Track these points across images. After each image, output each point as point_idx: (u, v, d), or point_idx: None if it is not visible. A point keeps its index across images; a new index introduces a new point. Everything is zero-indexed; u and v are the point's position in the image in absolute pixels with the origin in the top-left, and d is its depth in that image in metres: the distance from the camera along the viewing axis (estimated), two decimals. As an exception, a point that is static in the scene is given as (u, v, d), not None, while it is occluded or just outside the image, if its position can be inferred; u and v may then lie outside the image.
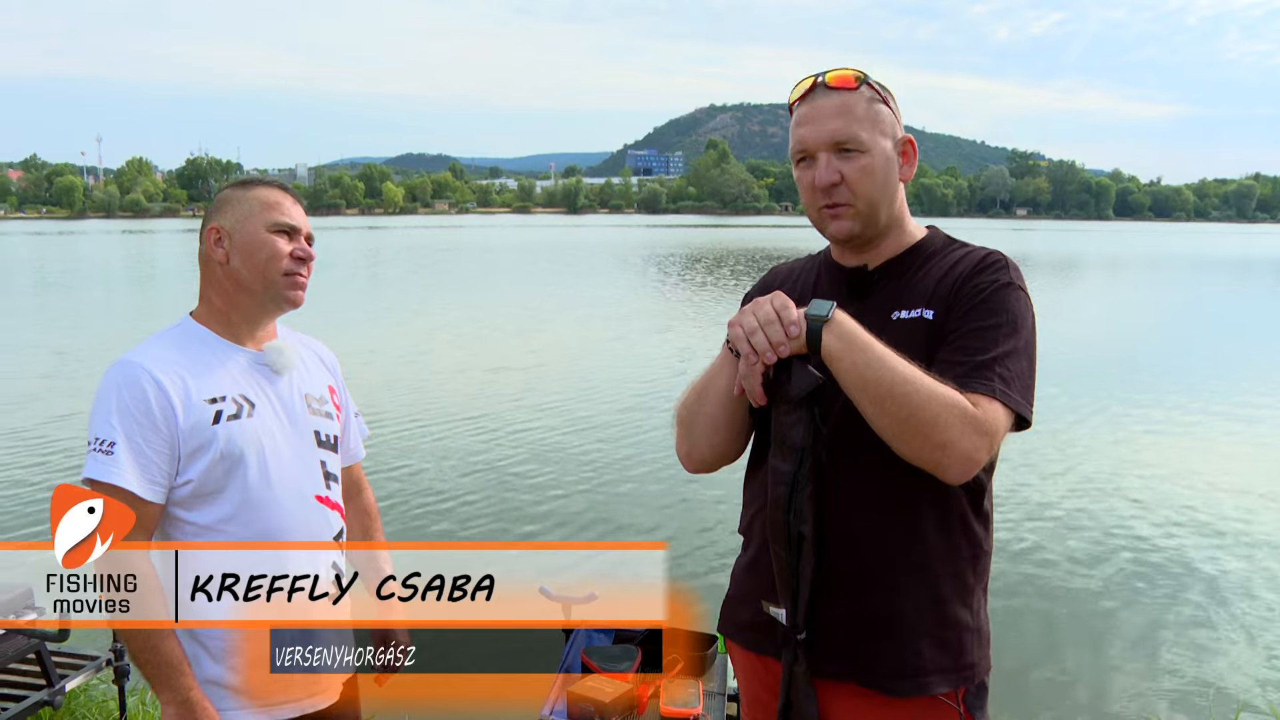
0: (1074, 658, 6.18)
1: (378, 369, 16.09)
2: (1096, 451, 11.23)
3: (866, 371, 1.64)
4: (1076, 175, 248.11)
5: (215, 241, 2.18)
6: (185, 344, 2.17)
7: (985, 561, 1.84)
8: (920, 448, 1.64)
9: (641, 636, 3.70)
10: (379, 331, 21.09)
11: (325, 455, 2.28)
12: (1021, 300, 1.76)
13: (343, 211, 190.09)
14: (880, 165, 1.82)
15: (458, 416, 12.51)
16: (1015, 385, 1.69)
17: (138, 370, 2.06)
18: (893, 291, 1.84)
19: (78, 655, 4.38)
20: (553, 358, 17.49)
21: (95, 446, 2.03)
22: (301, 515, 2.18)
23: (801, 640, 1.80)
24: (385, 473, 9.84)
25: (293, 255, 2.19)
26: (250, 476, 2.10)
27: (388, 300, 29.12)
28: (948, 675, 1.77)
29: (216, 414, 2.09)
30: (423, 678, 5.86)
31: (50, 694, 4.14)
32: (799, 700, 1.82)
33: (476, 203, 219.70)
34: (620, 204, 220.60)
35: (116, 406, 2.03)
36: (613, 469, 10.04)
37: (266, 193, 2.21)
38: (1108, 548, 8.03)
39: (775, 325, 1.67)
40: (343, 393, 2.46)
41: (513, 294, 29.90)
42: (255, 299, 2.19)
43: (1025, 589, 7.20)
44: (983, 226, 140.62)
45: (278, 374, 2.23)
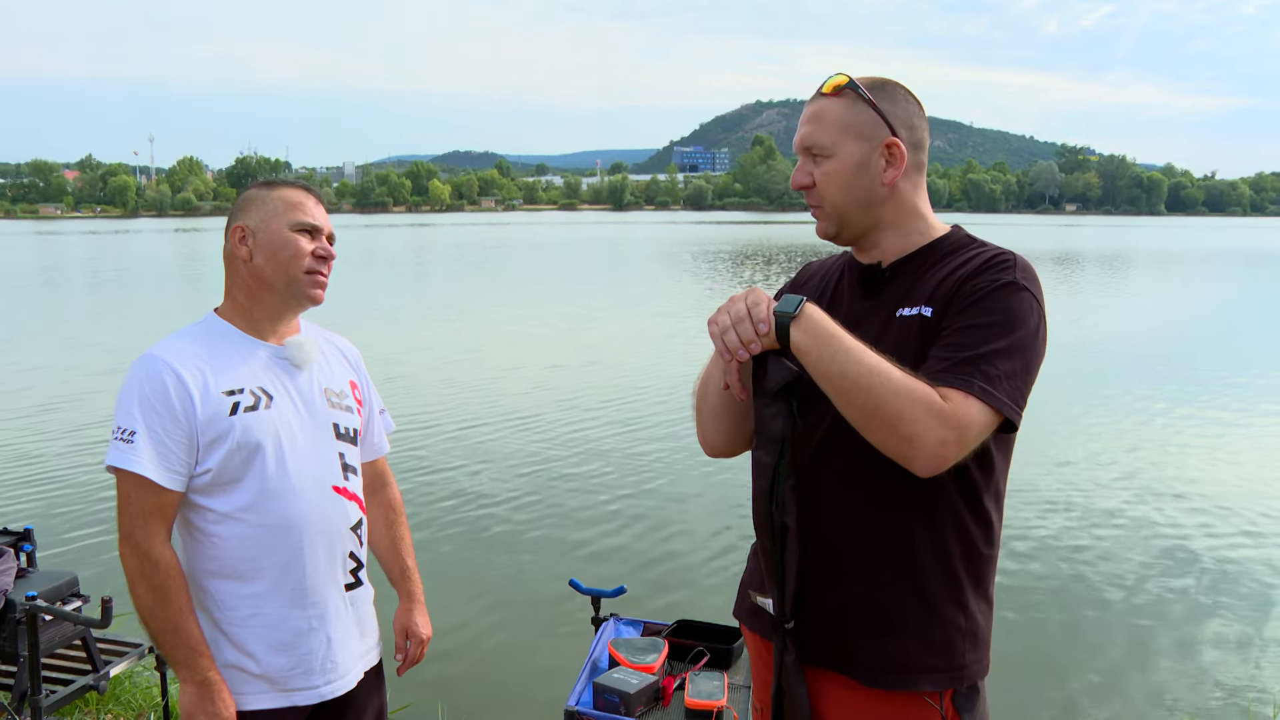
0: (1129, 660, 6.14)
1: (432, 367, 16.23)
2: (1155, 452, 11.03)
3: (832, 365, 1.67)
4: (1127, 170, 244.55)
5: (240, 240, 2.26)
6: (207, 339, 2.25)
7: (984, 564, 1.84)
8: (886, 439, 1.67)
9: (670, 629, 3.74)
10: (432, 329, 21.21)
11: (344, 448, 2.34)
12: (1024, 300, 1.75)
13: (390, 209, 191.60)
14: (847, 170, 1.85)
15: (513, 414, 12.59)
16: (1001, 385, 1.68)
17: (159, 364, 2.14)
18: (901, 289, 1.86)
19: (122, 642, 4.50)
20: (607, 355, 17.53)
21: (117, 435, 2.12)
22: (319, 504, 2.24)
23: (790, 630, 1.83)
24: (441, 470, 9.97)
25: (314, 254, 2.27)
26: (267, 466, 2.17)
27: (440, 297, 29.23)
28: (935, 674, 1.78)
29: (234, 405, 2.16)
30: (452, 667, 5.98)
31: (95, 679, 4.26)
32: (790, 687, 1.85)
33: (523, 200, 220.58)
34: (666, 200, 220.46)
35: (138, 398, 2.12)
36: (667, 465, 10.08)
37: (290, 193, 2.28)
38: (1166, 550, 7.92)
39: (746, 323, 1.72)
40: (366, 388, 2.53)
41: (563, 291, 29.92)
42: (278, 296, 2.26)
43: (1083, 589, 7.15)
44: (1031, 222, 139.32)
45: (298, 368, 2.31)
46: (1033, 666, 5.94)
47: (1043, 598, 6.93)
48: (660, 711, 3.25)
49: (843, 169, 1.85)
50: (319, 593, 2.24)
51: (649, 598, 6.68)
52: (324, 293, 2.31)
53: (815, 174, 1.88)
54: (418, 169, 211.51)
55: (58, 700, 4.09)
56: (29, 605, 3.88)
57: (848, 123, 1.84)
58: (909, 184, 1.89)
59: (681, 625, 3.76)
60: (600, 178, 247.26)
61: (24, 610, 3.89)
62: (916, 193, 1.91)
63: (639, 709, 3.21)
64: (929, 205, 1.95)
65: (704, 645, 3.59)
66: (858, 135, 1.84)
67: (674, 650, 3.60)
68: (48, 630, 4.04)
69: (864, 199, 1.87)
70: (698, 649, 3.58)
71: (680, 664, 3.54)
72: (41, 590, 3.98)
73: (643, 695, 3.23)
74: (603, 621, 3.80)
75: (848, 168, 1.85)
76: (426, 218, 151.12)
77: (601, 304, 26.27)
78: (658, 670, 3.37)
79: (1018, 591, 6.97)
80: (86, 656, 4.35)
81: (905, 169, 1.87)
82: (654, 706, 3.27)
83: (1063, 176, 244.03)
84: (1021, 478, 9.57)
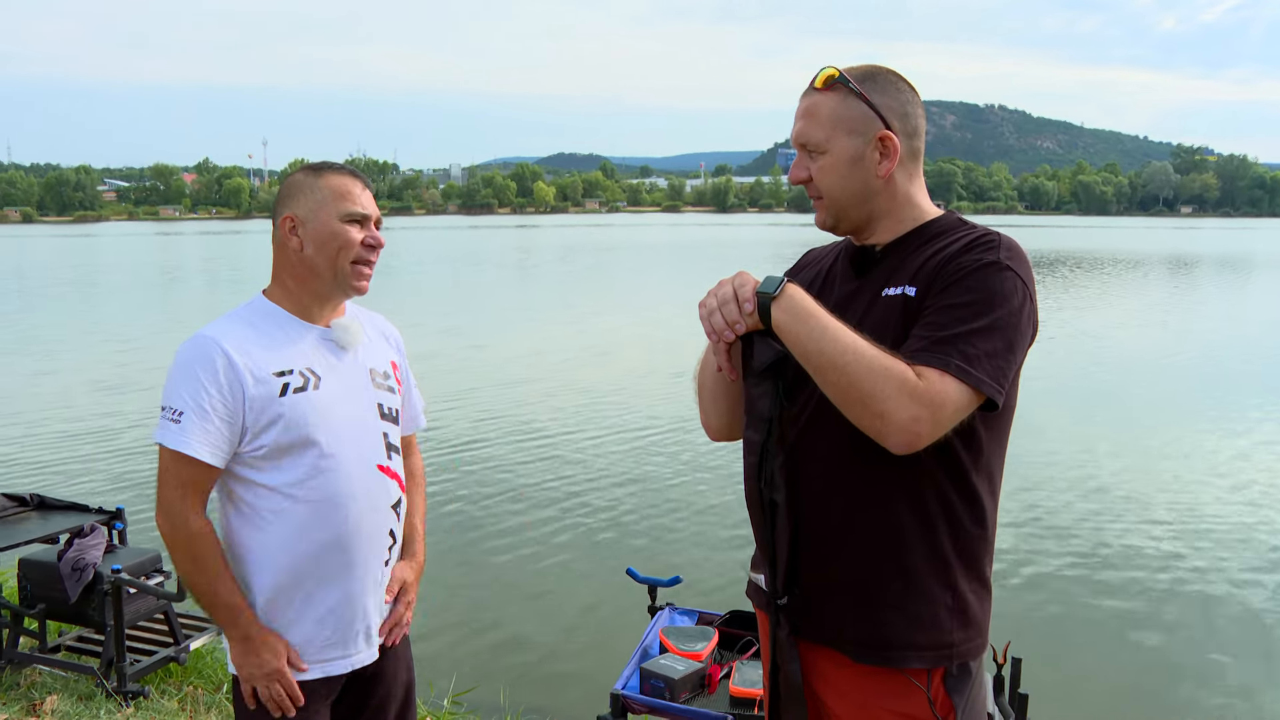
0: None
1: (565, 368, 16.31)
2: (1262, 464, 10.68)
3: (809, 344, 1.71)
4: (1249, 170, 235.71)
5: (290, 230, 2.30)
6: (256, 320, 2.31)
7: (974, 543, 1.84)
8: (860, 416, 1.69)
9: (723, 619, 3.77)
10: (554, 331, 21.28)
11: (387, 427, 2.41)
12: (1006, 279, 1.74)
13: (495, 210, 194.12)
14: (842, 164, 1.87)
15: (588, 411, 12.74)
16: (980, 364, 1.68)
17: (209, 344, 2.21)
18: (889, 270, 1.88)
19: (202, 618, 4.70)
20: (685, 354, 17.55)
21: (166, 415, 2.20)
22: (364, 483, 2.31)
23: (782, 605, 1.87)
24: (519, 464, 10.14)
25: (364, 244, 2.32)
26: (318, 445, 2.24)
27: (559, 298, 29.47)
28: (920, 652, 1.80)
29: (284, 386, 2.22)
30: (516, 654, 6.10)
31: (176, 651, 4.47)
32: (784, 662, 1.89)
33: (626, 201, 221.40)
34: (770, 203, 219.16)
35: (187, 378, 2.19)
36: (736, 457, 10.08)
37: (338, 180, 2.31)
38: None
39: (731, 305, 1.76)
40: (404, 367, 2.59)
41: (677, 293, 29.84)
42: (325, 284, 2.32)
43: (1139, 592, 7.00)
44: (1143, 225, 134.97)
45: (344, 349, 2.37)
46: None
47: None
48: (705, 698, 3.29)
49: (838, 164, 1.88)
50: (361, 568, 2.31)
51: (707, 588, 6.74)
52: (368, 284, 2.35)
53: (811, 169, 1.91)
54: (523, 171, 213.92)
55: (141, 669, 4.30)
56: (114, 577, 4.10)
57: (840, 117, 1.87)
58: (904, 174, 1.91)
59: (734, 615, 3.78)
60: (704, 179, 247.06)
61: (110, 582, 4.12)
62: (911, 181, 1.93)
63: (684, 694, 3.25)
64: (924, 191, 1.96)
65: (754, 635, 3.61)
66: (850, 130, 1.86)
67: (725, 640, 3.63)
68: (132, 602, 4.25)
69: (860, 191, 1.89)
70: (747, 639, 3.61)
71: (729, 653, 3.57)
72: (126, 565, 4.19)
73: (688, 681, 3.27)
74: (658, 610, 3.85)
75: (842, 163, 1.87)
76: (531, 219, 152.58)
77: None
78: (705, 658, 3.40)
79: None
80: (169, 630, 4.56)
81: (900, 159, 1.89)
82: (700, 693, 3.31)
83: (1178, 177, 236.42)
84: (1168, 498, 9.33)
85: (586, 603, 6.76)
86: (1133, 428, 12.06)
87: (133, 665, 4.24)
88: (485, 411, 12.59)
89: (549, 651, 6.04)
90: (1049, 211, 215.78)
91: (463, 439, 11.03)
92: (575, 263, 47.30)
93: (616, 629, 6.10)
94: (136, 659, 4.34)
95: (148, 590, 3.75)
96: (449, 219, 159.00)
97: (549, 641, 6.16)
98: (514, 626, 6.32)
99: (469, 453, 10.48)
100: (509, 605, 6.62)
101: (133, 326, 22.18)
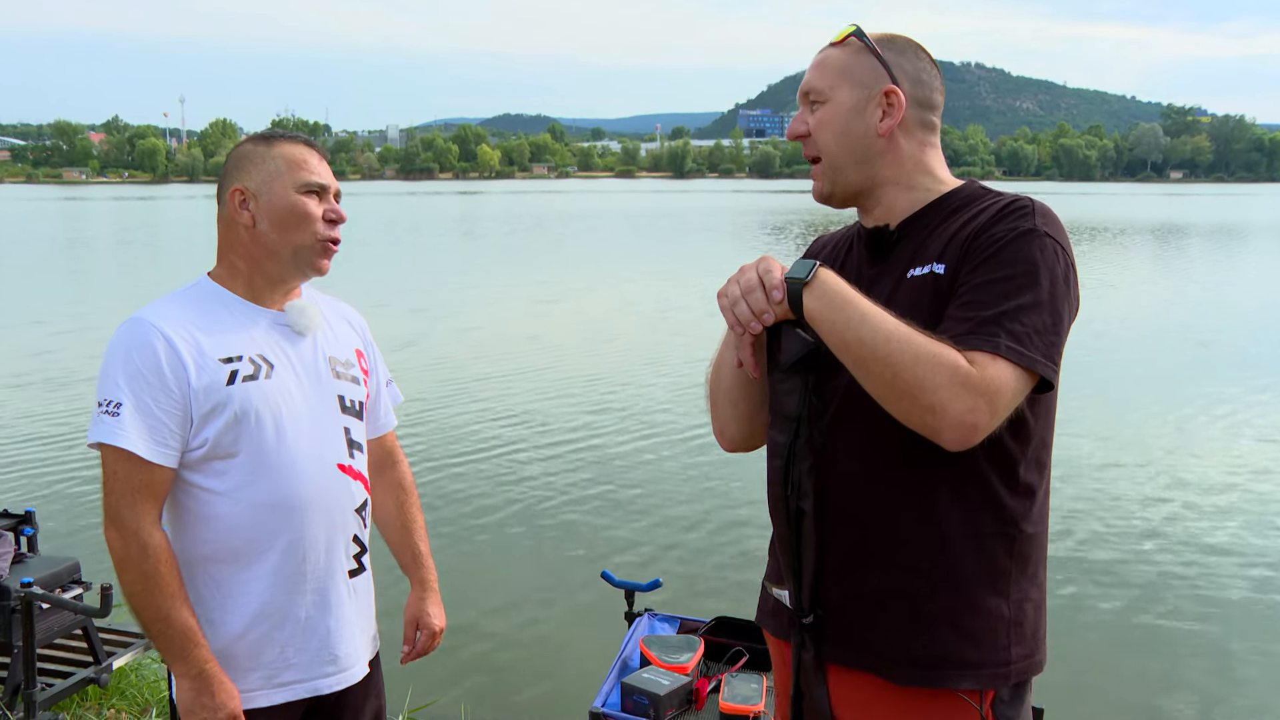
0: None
1: (468, 347, 16.26)
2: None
3: (847, 332, 1.65)
4: (1246, 132, 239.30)
5: (240, 204, 2.19)
6: (201, 303, 2.20)
7: (1027, 544, 1.78)
8: (909, 411, 1.63)
9: (708, 627, 3.70)
10: (471, 305, 21.29)
11: (349, 421, 2.30)
12: (1047, 248, 1.71)
13: (436, 175, 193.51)
14: (840, 115, 1.85)
15: (552, 395, 12.67)
16: (1031, 342, 1.64)
17: (148, 329, 2.10)
18: (910, 249, 1.83)
19: (126, 633, 4.57)
20: (660, 338, 17.44)
21: (102, 408, 2.07)
22: (321, 484, 2.20)
23: (808, 624, 1.80)
24: (470, 455, 10.08)
25: (325, 218, 2.21)
26: (267, 441, 2.13)
27: (521, 270, 29.24)
28: (974, 671, 1.73)
29: (232, 374, 2.12)
30: (478, 665, 6.02)
31: (97, 671, 4.32)
32: (809, 688, 1.82)
33: (577, 166, 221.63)
34: (730, 168, 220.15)
35: (124, 366, 2.07)
36: (717, 454, 10.02)
37: (292, 149, 2.22)
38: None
39: (757, 292, 1.70)
40: (373, 357, 2.48)
41: (634, 264, 29.78)
42: (281, 264, 2.21)
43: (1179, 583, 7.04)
44: (1129, 191, 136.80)
45: (300, 334, 2.26)
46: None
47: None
48: (693, 715, 3.22)
49: (837, 114, 1.86)
50: (319, 579, 2.21)
51: (687, 594, 6.67)
52: (330, 263, 2.25)
53: (810, 121, 1.89)
54: (465, 133, 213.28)
55: (55, 694, 4.14)
56: (23, 592, 3.94)
57: (846, 68, 1.87)
58: (913, 141, 1.88)
59: (720, 623, 3.71)
60: (660, 143, 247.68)
61: (18, 597, 3.96)
62: (924, 150, 1.89)
63: (669, 712, 3.17)
64: (943, 163, 1.93)
65: (743, 645, 3.54)
66: (855, 81, 1.86)
67: (711, 650, 3.56)
68: (45, 619, 4.10)
69: (859, 149, 1.86)
70: (736, 649, 3.54)
71: (717, 664, 3.50)
72: (39, 576, 4.03)
73: (674, 697, 3.19)
74: (636, 617, 3.78)
75: (842, 112, 1.86)
76: (475, 185, 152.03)
77: (664, 284, 26.13)
78: (691, 671, 3.33)
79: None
80: (88, 647, 4.41)
81: (907, 123, 1.86)
82: (686, 709, 3.23)
83: (1168, 140, 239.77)
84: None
85: (557, 608, 6.67)
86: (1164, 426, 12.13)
87: (44, 691, 4.08)
88: (435, 402, 12.47)
89: (514, 662, 5.94)
90: (1028, 177, 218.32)
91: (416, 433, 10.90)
92: (543, 232, 47.21)
93: (589, 638, 6.01)
94: (49, 683, 4.18)
95: (64, 605, 3.61)
96: (386, 184, 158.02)
97: (514, 651, 6.07)
98: (476, 634, 6.21)
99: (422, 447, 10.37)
100: (469, 610, 6.50)
101: (41, 308, 21.64)
